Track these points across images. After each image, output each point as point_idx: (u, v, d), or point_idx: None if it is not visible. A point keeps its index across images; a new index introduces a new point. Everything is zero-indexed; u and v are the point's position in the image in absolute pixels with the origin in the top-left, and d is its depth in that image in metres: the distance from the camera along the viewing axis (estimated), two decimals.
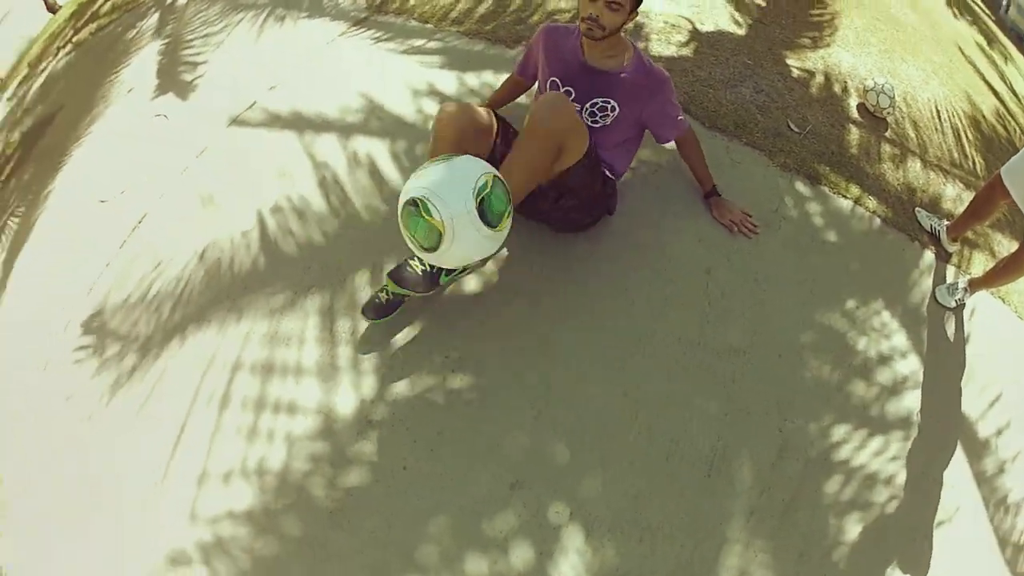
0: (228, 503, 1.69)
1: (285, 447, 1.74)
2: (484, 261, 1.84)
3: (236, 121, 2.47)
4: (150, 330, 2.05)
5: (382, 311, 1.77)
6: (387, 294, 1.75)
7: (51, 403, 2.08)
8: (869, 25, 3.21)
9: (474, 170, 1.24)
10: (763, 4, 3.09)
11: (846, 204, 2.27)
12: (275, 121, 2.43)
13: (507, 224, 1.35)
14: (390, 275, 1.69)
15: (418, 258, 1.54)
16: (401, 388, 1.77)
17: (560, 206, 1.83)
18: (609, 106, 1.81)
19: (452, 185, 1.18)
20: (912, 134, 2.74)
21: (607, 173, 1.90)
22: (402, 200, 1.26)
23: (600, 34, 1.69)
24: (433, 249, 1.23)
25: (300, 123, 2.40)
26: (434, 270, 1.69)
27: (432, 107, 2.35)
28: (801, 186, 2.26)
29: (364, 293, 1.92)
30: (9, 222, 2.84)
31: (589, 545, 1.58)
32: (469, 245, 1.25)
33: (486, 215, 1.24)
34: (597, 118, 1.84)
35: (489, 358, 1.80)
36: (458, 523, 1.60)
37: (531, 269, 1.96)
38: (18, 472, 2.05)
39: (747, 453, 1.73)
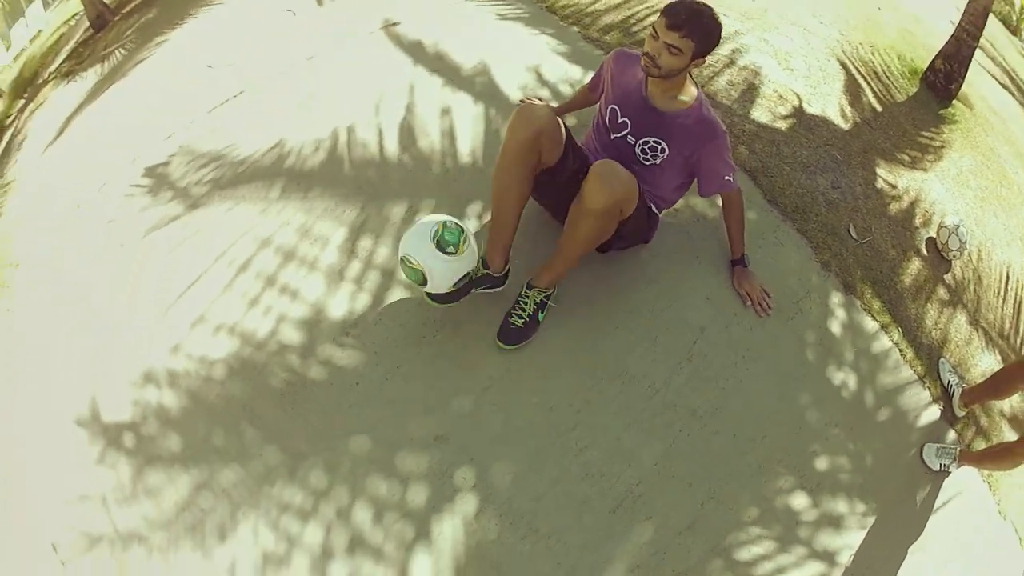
0: (207, 350, 1.72)
1: (273, 323, 1.74)
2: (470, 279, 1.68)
3: (356, 36, 2.43)
4: (203, 192, 2.09)
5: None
6: (519, 320, 1.68)
7: (94, 219, 2.19)
8: (975, 168, 2.76)
9: (428, 224, 1.54)
10: (879, 109, 2.74)
11: (871, 325, 1.97)
12: (396, 48, 2.38)
13: (466, 247, 1.54)
14: (500, 338, 1.67)
15: (514, 313, 1.69)
16: (386, 317, 1.72)
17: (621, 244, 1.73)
18: (660, 147, 1.63)
19: (417, 240, 1.52)
20: (972, 288, 2.35)
21: (652, 207, 1.73)
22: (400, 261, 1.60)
23: (656, 73, 1.51)
24: (425, 283, 1.55)
25: (418, 56, 2.34)
26: (532, 317, 1.67)
27: (531, 90, 2.22)
28: (834, 291, 1.98)
29: (395, 225, 1.88)
30: (117, 52, 2.93)
31: (477, 520, 1.49)
32: (444, 270, 1.52)
33: (444, 248, 1.51)
34: (648, 156, 1.66)
35: (471, 326, 1.71)
36: (377, 448, 1.55)
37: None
38: (38, 256, 2.20)
39: (659, 510, 1.56)
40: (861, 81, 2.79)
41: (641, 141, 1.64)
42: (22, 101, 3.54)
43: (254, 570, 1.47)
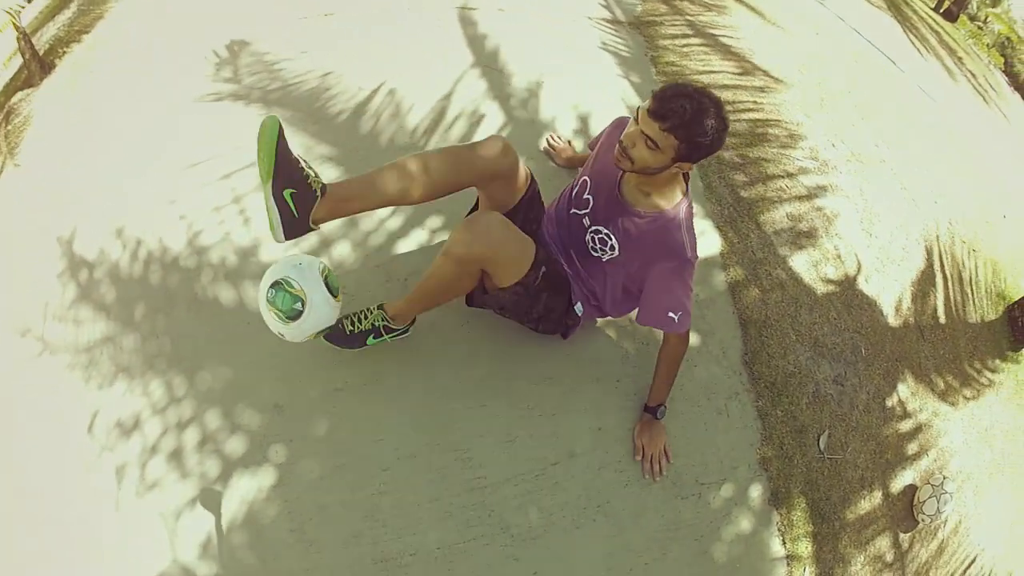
0: (167, 233, 1.34)
1: (221, 236, 1.32)
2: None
3: (420, 10, 1.76)
4: (252, 92, 1.55)
5: (343, 340, 1.13)
6: (353, 326, 1.12)
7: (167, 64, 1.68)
8: (1010, 431, 1.72)
9: (314, 261, 1.04)
10: (942, 320, 1.75)
11: (775, 551, 1.21)
12: (460, 32, 1.71)
13: (341, 299, 1.05)
14: (326, 331, 1.08)
15: (353, 318, 1.11)
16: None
17: (503, 314, 1.12)
18: (609, 244, 1.00)
19: (302, 268, 1.01)
20: (926, 559, 1.46)
21: (576, 304, 1.10)
22: (263, 288, 1.01)
23: (627, 166, 0.89)
24: (296, 316, 0.99)
25: (477, 49, 1.66)
26: (362, 333, 1.11)
27: (567, 133, 1.53)
28: (754, 493, 1.23)
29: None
30: None
31: (265, 494, 1.08)
32: (321, 309, 1.01)
33: (330, 287, 1.02)
34: (596, 247, 1.03)
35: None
36: (229, 387, 1.16)
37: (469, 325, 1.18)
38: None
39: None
40: (940, 281, 1.77)
41: (594, 228, 1.01)
42: None
43: (105, 429, 1.19)
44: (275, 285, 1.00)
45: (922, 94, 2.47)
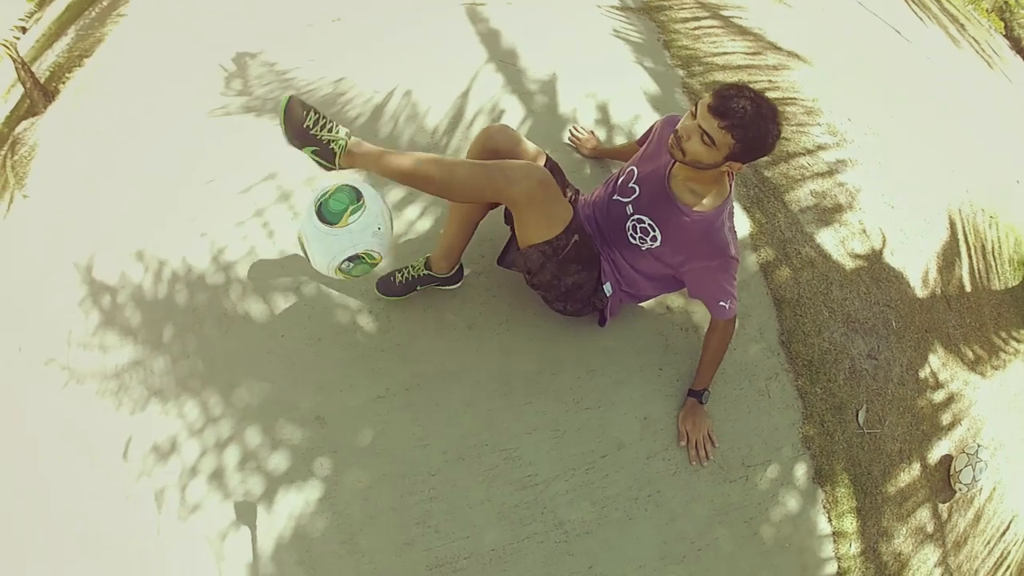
0: (189, 251, 1.33)
1: (247, 250, 1.30)
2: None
3: (432, 8, 1.75)
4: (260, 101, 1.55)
5: (393, 290, 1.21)
6: (403, 276, 1.19)
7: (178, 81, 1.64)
8: None
9: (324, 186, 1.01)
10: (968, 289, 1.78)
11: (821, 527, 1.23)
12: (470, 29, 1.69)
13: (351, 220, 0.97)
14: (378, 280, 1.18)
15: (403, 271, 1.19)
16: (336, 288, 1.25)
17: (530, 280, 1.10)
18: (651, 235, 1.01)
19: (306, 206, 1.00)
20: (963, 527, 1.49)
21: (605, 285, 1.10)
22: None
23: (679, 157, 0.90)
24: (305, 257, 1.01)
25: (491, 45, 1.65)
26: (410, 281, 1.19)
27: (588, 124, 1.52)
28: (800, 473, 1.24)
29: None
30: None
31: (313, 508, 1.08)
32: (320, 245, 0.97)
33: (324, 216, 0.96)
34: (636, 237, 1.03)
35: (407, 330, 1.21)
36: (268, 402, 1.16)
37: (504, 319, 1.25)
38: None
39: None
40: (964, 251, 1.78)
41: (637, 217, 1.01)
42: None
43: (142, 454, 1.18)
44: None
45: (928, 63, 2.46)
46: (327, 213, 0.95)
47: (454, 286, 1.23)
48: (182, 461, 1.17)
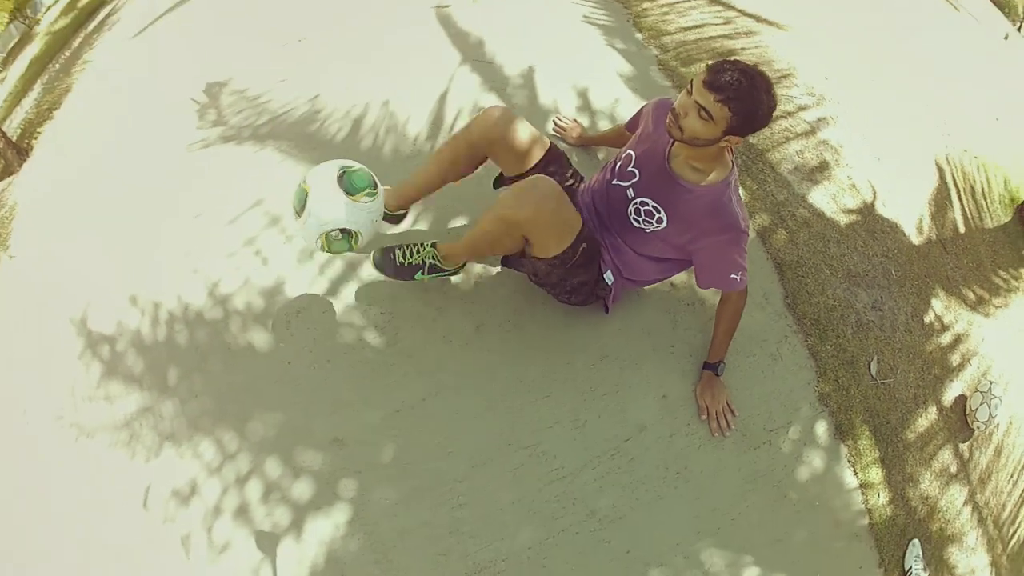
0: (185, 290, 1.31)
1: (241, 282, 1.29)
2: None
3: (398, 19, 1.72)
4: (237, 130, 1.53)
5: (392, 271, 1.16)
6: (404, 258, 1.16)
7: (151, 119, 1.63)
8: None
9: (337, 162, 1.02)
10: (961, 231, 1.78)
11: (849, 481, 1.24)
12: (443, 33, 1.68)
13: (365, 200, 0.99)
14: (375, 254, 1.15)
15: (403, 249, 1.15)
16: (336, 310, 1.24)
17: (535, 280, 1.12)
18: (656, 216, 1.00)
19: (324, 164, 1.01)
20: (985, 463, 1.50)
21: (606, 275, 1.10)
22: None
23: (677, 135, 0.90)
24: (300, 212, 0.99)
25: (463, 45, 1.64)
26: (411, 266, 1.14)
27: (570, 112, 1.52)
28: (821, 430, 1.25)
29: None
30: None
31: (343, 530, 1.08)
32: (327, 204, 0.97)
33: (344, 182, 0.98)
34: (641, 220, 1.03)
35: (411, 345, 1.20)
36: (283, 431, 1.15)
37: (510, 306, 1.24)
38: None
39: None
40: (954, 194, 1.80)
41: (639, 200, 1.01)
42: None
43: (161, 501, 1.17)
44: (297, 189, 1.03)
45: (896, 10, 2.48)
46: (348, 183, 0.96)
47: (453, 275, 1.20)
48: (204, 502, 1.15)
